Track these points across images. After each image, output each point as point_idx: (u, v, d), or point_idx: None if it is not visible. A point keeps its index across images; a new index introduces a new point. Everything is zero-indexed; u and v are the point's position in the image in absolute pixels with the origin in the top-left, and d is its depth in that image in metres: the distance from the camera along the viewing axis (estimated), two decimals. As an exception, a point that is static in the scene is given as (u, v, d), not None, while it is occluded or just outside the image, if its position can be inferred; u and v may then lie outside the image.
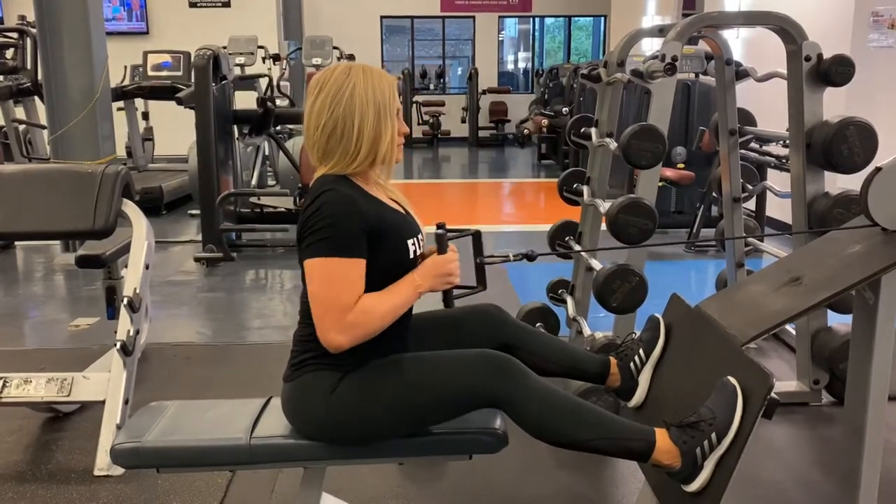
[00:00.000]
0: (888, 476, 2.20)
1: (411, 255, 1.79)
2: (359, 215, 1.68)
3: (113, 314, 3.36)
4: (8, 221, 2.84)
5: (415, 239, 1.81)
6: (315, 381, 1.73)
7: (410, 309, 1.86)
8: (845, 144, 2.79)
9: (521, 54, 16.15)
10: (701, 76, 6.27)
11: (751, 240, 3.71)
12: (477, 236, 1.94)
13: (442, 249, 1.81)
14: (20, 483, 2.57)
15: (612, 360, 2.02)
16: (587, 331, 3.19)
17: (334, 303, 1.65)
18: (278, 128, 7.26)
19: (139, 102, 8.71)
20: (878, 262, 1.79)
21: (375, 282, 1.72)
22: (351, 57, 10.36)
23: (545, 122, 11.09)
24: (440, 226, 1.82)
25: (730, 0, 7.74)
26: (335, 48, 9.66)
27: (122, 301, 2.81)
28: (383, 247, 1.73)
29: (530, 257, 2.05)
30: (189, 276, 5.37)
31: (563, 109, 10.33)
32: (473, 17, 14.62)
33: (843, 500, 1.97)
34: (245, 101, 6.79)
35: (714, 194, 5.09)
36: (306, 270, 1.68)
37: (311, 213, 1.67)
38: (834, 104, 3.09)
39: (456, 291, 1.85)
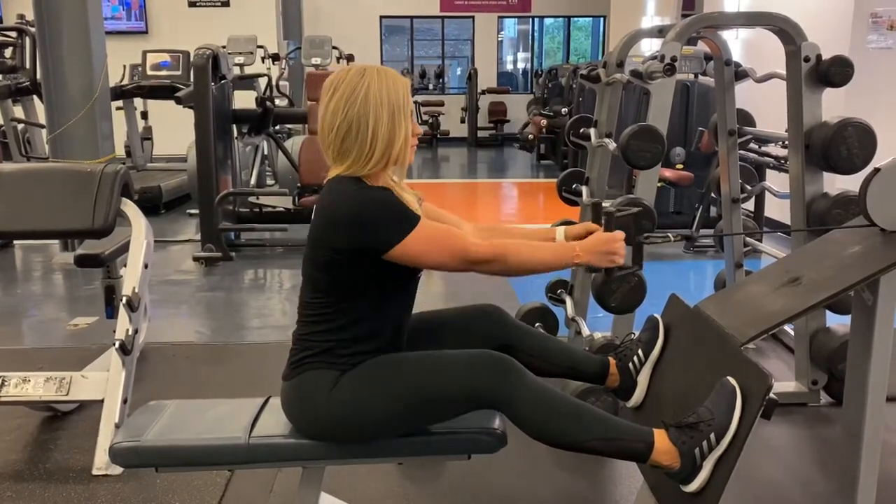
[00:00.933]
0: (886, 477, 2.20)
1: None
2: (393, 194, 1.74)
3: (112, 313, 3.36)
4: (7, 220, 2.84)
5: None
6: (314, 379, 1.74)
7: (410, 308, 1.86)
8: (844, 145, 2.79)
9: (521, 55, 16.15)
10: (700, 77, 6.27)
11: (749, 240, 3.71)
12: (638, 216, 1.98)
13: (609, 227, 1.84)
14: (18, 482, 2.57)
15: (611, 361, 2.02)
16: (586, 331, 3.19)
17: (454, 249, 1.73)
18: (277, 127, 7.27)
19: (138, 102, 8.71)
20: (877, 263, 1.79)
21: (383, 282, 1.73)
22: (350, 57, 10.36)
23: (544, 122, 11.09)
24: (598, 204, 1.84)
25: (729, 1, 7.74)
26: (334, 48, 9.65)
27: (121, 300, 2.81)
28: None
29: (691, 238, 2.07)
30: (188, 275, 5.37)
31: (563, 110, 10.33)
32: (473, 18, 14.61)
33: (841, 500, 1.97)
34: (244, 100, 6.79)
35: (713, 195, 5.10)
36: (411, 254, 1.70)
37: (360, 213, 1.69)
38: (833, 105, 3.10)
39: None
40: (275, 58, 9.86)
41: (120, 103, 7.87)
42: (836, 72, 2.85)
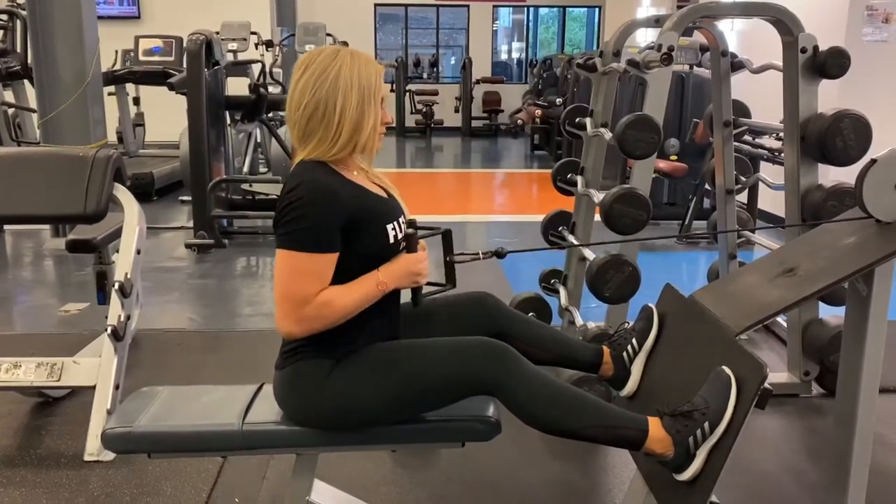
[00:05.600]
0: (878, 468, 2.21)
1: (391, 240, 1.76)
2: (338, 208, 1.65)
3: (103, 299, 3.34)
4: (-2, 205, 2.81)
5: (395, 223, 1.78)
6: (308, 368, 1.72)
7: (399, 296, 1.85)
8: (840, 137, 2.79)
9: (515, 44, 16.11)
10: (695, 68, 6.27)
11: (743, 232, 3.71)
12: (447, 235, 1.90)
13: (411, 248, 1.79)
14: (10, 468, 2.56)
15: (605, 350, 2.02)
16: (579, 321, 3.19)
17: (294, 294, 1.64)
18: (270, 114, 7.21)
19: (130, 87, 8.64)
20: (872, 254, 1.79)
21: (353, 269, 1.71)
22: (344, 44, 10.28)
23: (538, 112, 11.06)
24: (411, 223, 1.80)
25: (725, -8, 7.72)
26: (329, 35, 9.60)
27: (114, 286, 2.80)
28: (363, 234, 1.71)
29: (500, 254, 2.00)
30: (180, 262, 5.35)
31: (557, 100, 10.33)
32: (468, 7, 14.55)
33: (832, 490, 1.98)
34: (237, 87, 6.75)
35: (707, 186, 5.10)
36: (276, 258, 1.67)
37: (289, 203, 1.64)
38: (827, 98, 3.09)
39: (425, 289, 1.83)
40: (268, 44, 9.79)
41: (112, 89, 7.81)
42: (832, 63, 2.84)
